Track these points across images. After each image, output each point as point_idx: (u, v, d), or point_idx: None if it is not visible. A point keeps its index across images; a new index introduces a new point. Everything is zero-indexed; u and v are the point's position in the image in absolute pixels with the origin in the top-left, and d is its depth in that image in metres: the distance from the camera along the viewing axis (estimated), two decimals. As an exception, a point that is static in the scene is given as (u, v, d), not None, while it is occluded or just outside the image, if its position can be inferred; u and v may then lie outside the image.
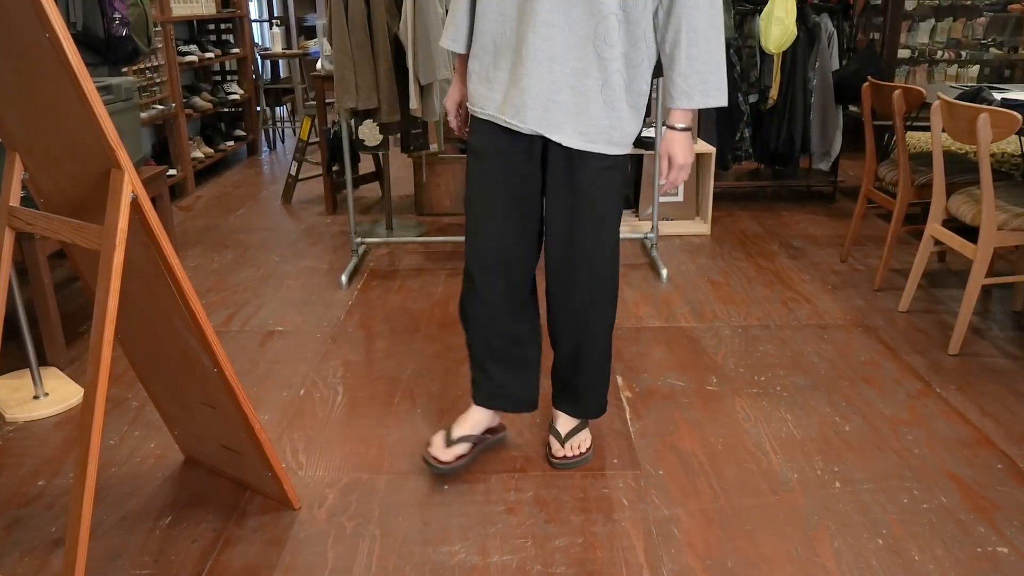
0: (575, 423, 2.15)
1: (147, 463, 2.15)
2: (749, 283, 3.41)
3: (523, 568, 1.73)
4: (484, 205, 1.95)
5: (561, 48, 1.77)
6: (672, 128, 1.87)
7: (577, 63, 1.77)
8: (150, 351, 1.92)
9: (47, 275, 2.59)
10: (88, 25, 3.57)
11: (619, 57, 1.78)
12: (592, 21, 1.75)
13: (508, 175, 1.91)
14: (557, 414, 2.17)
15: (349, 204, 3.60)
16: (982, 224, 2.62)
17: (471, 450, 2.08)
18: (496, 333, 2.03)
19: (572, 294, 1.97)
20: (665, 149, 1.89)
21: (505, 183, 1.92)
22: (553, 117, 1.81)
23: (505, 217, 1.94)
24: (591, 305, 1.97)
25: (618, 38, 1.76)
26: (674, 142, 1.87)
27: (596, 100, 1.80)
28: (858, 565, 1.73)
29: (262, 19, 8.83)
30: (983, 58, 5.79)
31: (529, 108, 1.81)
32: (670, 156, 1.88)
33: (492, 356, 2.07)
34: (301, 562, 1.76)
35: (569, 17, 1.75)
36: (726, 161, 4.60)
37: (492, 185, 1.93)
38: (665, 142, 1.89)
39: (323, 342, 2.88)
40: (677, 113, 1.86)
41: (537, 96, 1.79)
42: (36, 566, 1.76)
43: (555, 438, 2.12)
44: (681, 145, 1.87)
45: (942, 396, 2.44)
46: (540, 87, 1.79)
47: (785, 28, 4.06)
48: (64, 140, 1.53)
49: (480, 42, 1.89)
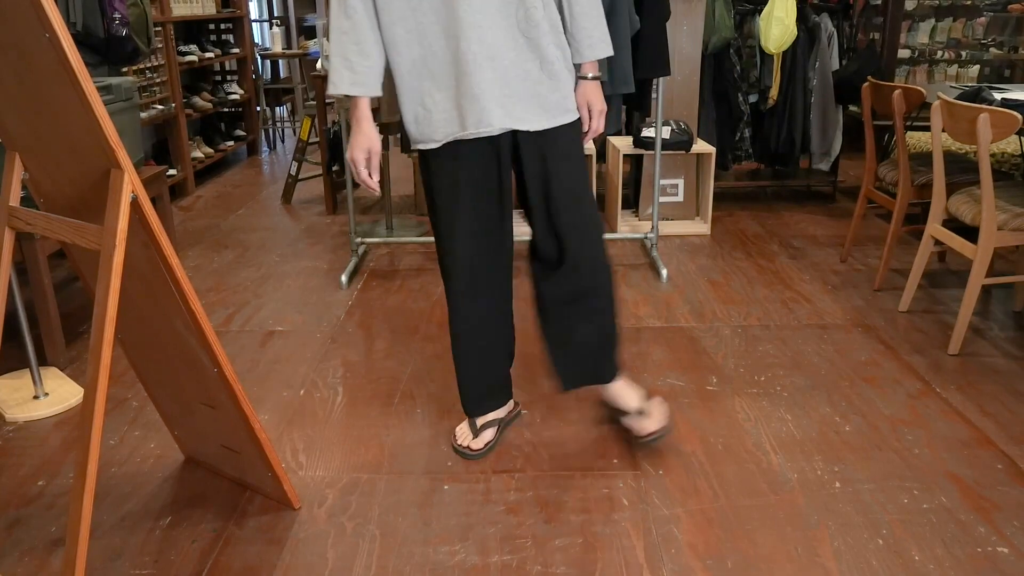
0: (634, 391, 2.17)
1: (147, 463, 2.15)
2: (749, 283, 3.41)
3: (523, 568, 1.73)
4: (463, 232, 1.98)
5: (493, 44, 1.81)
6: (584, 79, 1.97)
7: (512, 52, 1.84)
8: (150, 351, 1.92)
9: (47, 275, 2.59)
10: (88, 25, 3.57)
11: (548, 32, 1.86)
12: (511, 10, 1.81)
13: (481, 191, 1.95)
14: (607, 394, 2.18)
15: (349, 204, 3.60)
16: (982, 224, 2.62)
17: (496, 434, 2.20)
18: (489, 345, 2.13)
19: (572, 272, 2.02)
20: (583, 99, 1.98)
21: (480, 199, 1.96)
22: (513, 109, 1.86)
23: (486, 233, 1.99)
24: (592, 273, 2.03)
25: (541, 15, 1.84)
26: (589, 90, 1.98)
27: (541, 79, 1.88)
28: (858, 565, 1.73)
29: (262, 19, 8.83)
30: (983, 58, 5.79)
31: (489, 110, 1.84)
32: (589, 104, 1.98)
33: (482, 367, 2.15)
34: (301, 562, 1.76)
35: (489, 14, 1.80)
36: (726, 161, 4.60)
37: (468, 209, 1.96)
38: (581, 93, 1.98)
39: (323, 342, 2.88)
40: (587, 65, 1.96)
41: (492, 96, 1.83)
42: (36, 566, 1.76)
43: (632, 417, 2.14)
44: (597, 92, 1.99)
45: (942, 396, 2.44)
46: (491, 87, 1.83)
47: (785, 28, 4.06)
48: (64, 140, 1.53)
49: (402, 74, 1.87)
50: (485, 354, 2.12)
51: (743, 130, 4.48)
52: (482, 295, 2.05)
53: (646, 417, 2.14)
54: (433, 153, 1.94)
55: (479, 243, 1.99)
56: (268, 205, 4.86)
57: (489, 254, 2.02)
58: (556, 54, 1.88)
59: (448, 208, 1.96)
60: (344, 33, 1.84)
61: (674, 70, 4.02)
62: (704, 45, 4.13)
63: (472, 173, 1.93)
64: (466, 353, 2.11)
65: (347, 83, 1.86)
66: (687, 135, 3.94)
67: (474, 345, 2.10)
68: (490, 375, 2.17)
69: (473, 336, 2.09)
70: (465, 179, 1.93)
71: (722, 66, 4.36)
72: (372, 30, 1.85)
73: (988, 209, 2.59)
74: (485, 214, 1.97)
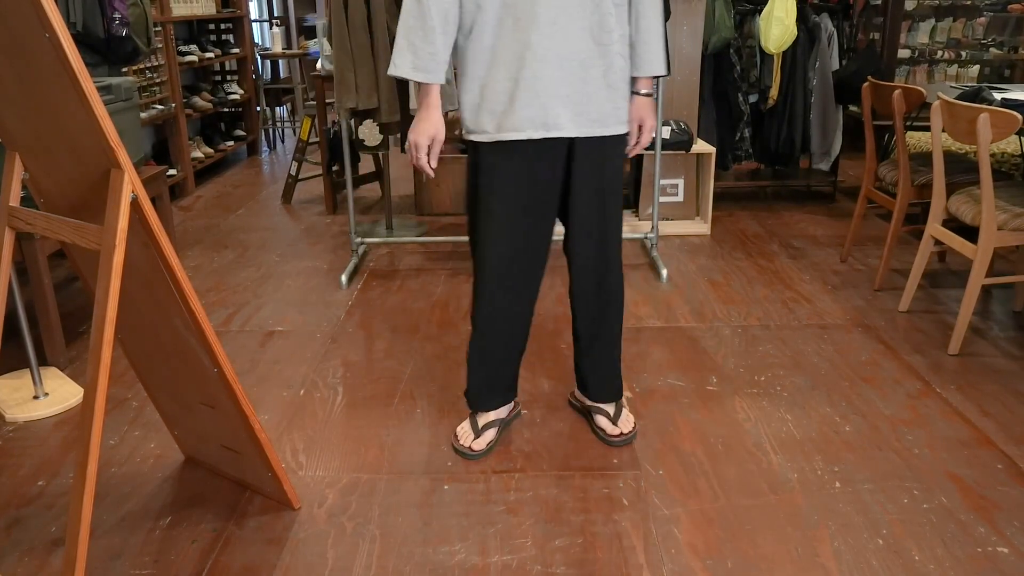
0: (615, 404, 2.24)
1: (147, 463, 2.15)
2: (749, 283, 3.41)
3: (523, 568, 1.73)
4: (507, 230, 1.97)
5: (564, 43, 1.82)
6: (638, 94, 1.99)
7: (581, 55, 1.84)
8: (150, 351, 1.92)
9: (47, 275, 2.59)
10: (88, 25, 3.57)
11: (617, 41, 1.87)
12: (587, 12, 1.82)
13: (533, 189, 1.95)
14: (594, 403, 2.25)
15: (349, 204, 3.60)
16: (982, 224, 2.62)
17: (497, 433, 2.21)
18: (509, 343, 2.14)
19: (603, 275, 2.08)
20: (637, 114, 1.99)
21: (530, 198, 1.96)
22: (573, 112, 1.88)
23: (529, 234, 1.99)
24: (614, 277, 2.09)
25: (615, 23, 1.85)
26: (644, 106, 2.00)
27: (602, 86, 1.89)
28: (858, 565, 1.73)
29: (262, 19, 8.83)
30: (983, 58, 5.79)
31: (552, 111, 1.86)
32: (642, 120, 2.00)
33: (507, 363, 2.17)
34: (301, 562, 1.76)
35: (567, 13, 1.80)
36: (726, 161, 4.60)
37: (518, 207, 1.95)
38: (636, 108, 1.99)
39: (323, 342, 2.88)
40: (643, 80, 1.98)
41: (554, 95, 1.85)
42: (36, 566, 1.76)
43: (606, 418, 2.21)
44: (651, 109, 2.02)
45: (942, 396, 2.44)
46: (553, 86, 1.84)
47: (785, 28, 4.06)
48: (64, 140, 1.53)
49: (477, 62, 1.87)
50: (504, 352, 2.13)
51: (743, 130, 4.48)
52: (513, 293, 2.04)
53: (618, 419, 2.21)
54: (487, 146, 1.92)
55: (521, 242, 1.98)
56: (268, 205, 4.86)
57: (528, 253, 2.01)
58: (621, 64, 1.90)
59: (495, 204, 1.94)
60: (413, 17, 1.82)
61: (674, 70, 4.02)
62: (704, 45, 4.13)
63: (526, 170, 1.93)
64: (487, 350, 2.11)
65: (408, 67, 1.84)
66: (687, 135, 3.94)
67: (497, 342, 2.10)
68: (504, 373, 2.17)
69: (497, 334, 2.09)
70: (518, 176, 1.93)
71: (722, 66, 4.36)
72: (440, 16, 1.81)
73: (988, 209, 2.59)
74: (535, 213, 1.97)
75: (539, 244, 2.01)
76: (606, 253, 2.05)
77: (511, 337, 2.11)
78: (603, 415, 2.21)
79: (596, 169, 1.96)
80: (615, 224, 2.04)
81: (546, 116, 1.86)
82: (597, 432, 2.22)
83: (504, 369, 2.17)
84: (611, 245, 2.05)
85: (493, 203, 1.95)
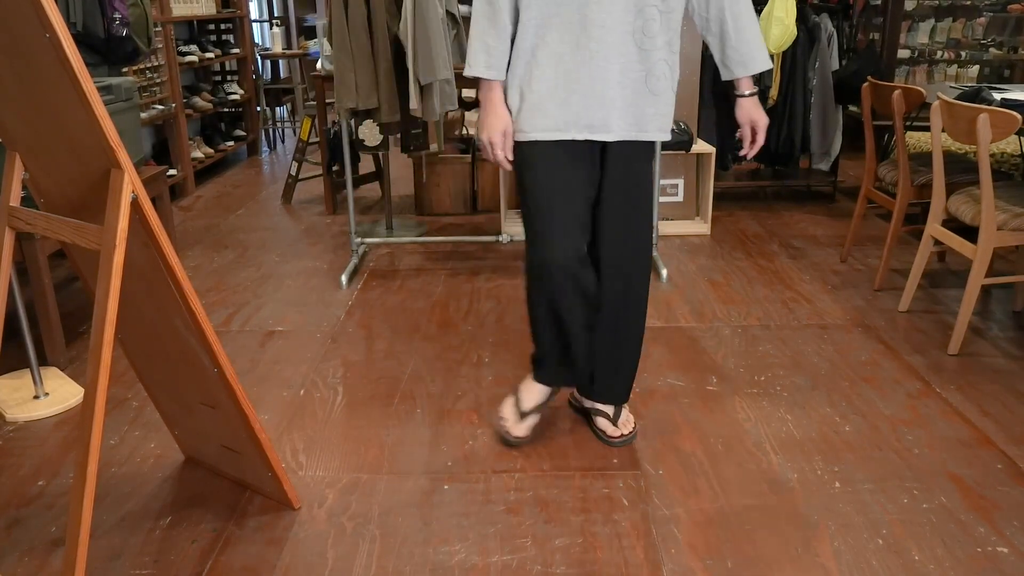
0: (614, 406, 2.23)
1: (147, 463, 2.15)
2: (749, 283, 3.41)
3: (523, 568, 1.73)
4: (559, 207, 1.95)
5: (609, 47, 1.84)
6: (743, 96, 1.99)
7: (623, 58, 1.86)
8: (150, 351, 1.92)
9: (47, 275, 2.59)
10: (88, 25, 3.57)
11: (663, 46, 1.88)
12: (631, 16, 1.83)
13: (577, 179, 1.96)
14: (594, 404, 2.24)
15: (349, 204, 3.60)
16: (982, 224, 2.62)
17: (538, 419, 2.23)
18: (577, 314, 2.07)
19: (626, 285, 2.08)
20: (746, 117, 2.00)
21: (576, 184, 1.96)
22: (611, 117, 1.89)
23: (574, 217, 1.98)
24: (641, 281, 2.09)
25: (659, 29, 1.86)
26: (751, 107, 2.00)
27: (642, 91, 1.90)
28: (858, 565, 1.73)
29: (262, 19, 8.83)
30: (983, 58, 5.79)
31: (595, 115, 1.88)
32: (753, 121, 2.00)
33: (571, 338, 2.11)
34: (301, 562, 1.76)
35: (613, 16, 1.82)
36: (726, 161, 4.60)
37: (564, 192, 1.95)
38: (744, 111, 2.00)
39: (323, 342, 2.88)
40: (744, 81, 1.98)
41: (602, 101, 1.87)
42: (36, 566, 1.76)
43: (606, 419, 2.20)
44: (758, 108, 2.00)
45: (942, 396, 2.44)
46: (600, 91, 1.86)
47: (785, 28, 4.05)
48: (64, 140, 1.53)
49: (518, 61, 1.90)
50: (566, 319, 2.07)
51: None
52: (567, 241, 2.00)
53: (618, 420, 2.21)
54: (527, 145, 1.94)
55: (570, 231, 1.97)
56: (268, 205, 4.86)
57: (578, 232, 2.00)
58: (664, 71, 1.90)
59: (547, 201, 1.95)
60: (485, 17, 1.88)
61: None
62: (704, 45, 4.13)
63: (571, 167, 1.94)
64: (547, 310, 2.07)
65: (483, 66, 1.89)
66: (687, 135, 3.94)
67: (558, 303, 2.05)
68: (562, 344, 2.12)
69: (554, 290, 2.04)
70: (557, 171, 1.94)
71: (722, 66, 4.36)
72: (509, 14, 1.88)
73: (988, 209, 2.59)
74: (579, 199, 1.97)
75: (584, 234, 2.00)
76: (635, 256, 2.05)
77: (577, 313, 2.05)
78: (603, 416, 2.21)
79: (628, 173, 1.97)
80: (646, 228, 2.05)
81: (590, 118, 1.89)
82: (597, 433, 2.22)
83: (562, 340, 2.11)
84: (641, 249, 2.06)
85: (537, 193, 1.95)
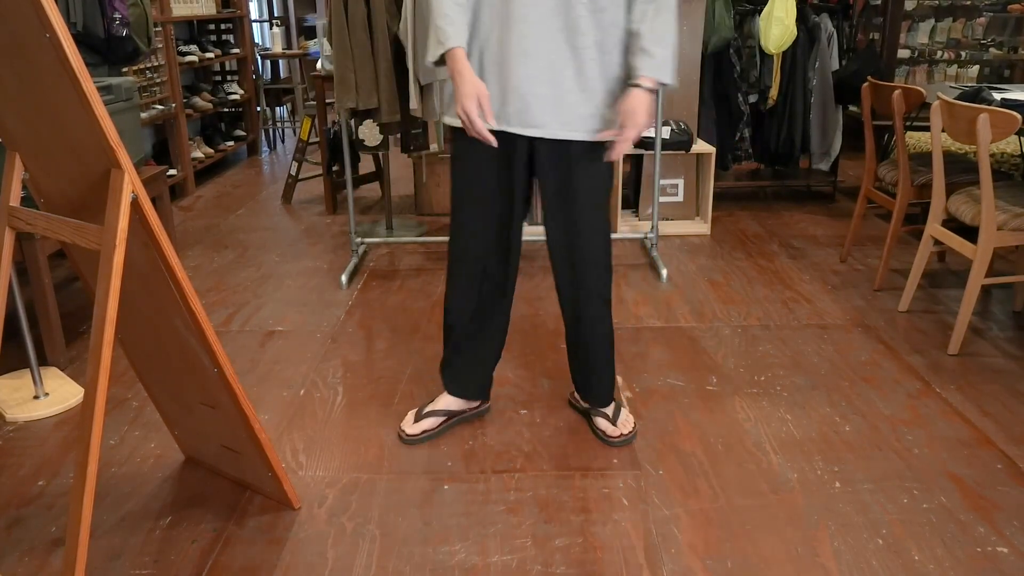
0: (614, 405, 2.25)
1: (147, 463, 2.15)
2: (749, 283, 3.41)
3: (523, 568, 1.73)
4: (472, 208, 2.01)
5: (534, 43, 1.82)
6: (637, 86, 1.85)
7: (550, 54, 1.83)
8: (150, 351, 1.92)
9: (47, 275, 2.59)
10: (88, 25, 3.57)
11: (592, 46, 1.85)
12: (558, 13, 1.81)
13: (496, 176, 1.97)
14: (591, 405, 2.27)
15: (349, 204, 3.60)
16: (982, 224, 2.62)
17: (442, 425, 2.25)
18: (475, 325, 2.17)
19: (574, 285, 2.07)
20: (626, 105, 1.84)
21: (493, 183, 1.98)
22: (535, 113, 1.87)
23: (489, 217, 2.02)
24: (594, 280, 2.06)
25: (588, 27, 1.83)
26: (636, 98, 1.84)
27: (572, 90, 1.86)
28: (858, 565, 1.73)
29: (262, 19, 8.83)
30: (983, 58, 5.79)
31: (512, 107, 1.87)
32: (629, 111, 1.84)
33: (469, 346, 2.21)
34: (301, 562, 1.76)
35: (538, 10, 1.81)
36: (726, 161, 4.60)
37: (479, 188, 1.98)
38: (628, 98, 1.84)
39: (323, 342, 2.88)
40: (646, 77, 1.85)
41: (519, 94, 1.86)
42: (36, 566, 1.76)
43: (605, 419, 2.21)
44: (642, 103, 1.84)
45: (942, 396, 2.44)
46: (523, 84, 1.85)
47: (785, 28, 4.06)
48: (64, 140, 1.53)
49: (470, 52, 1.90)
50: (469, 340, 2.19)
51: (743, 130, 4.48)
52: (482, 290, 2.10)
53: (617, 420, 2.22)
54: (460, 132, 1.96)
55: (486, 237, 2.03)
56: (268, 205, 4.86)
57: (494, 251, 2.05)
58: (595, 70, 1.86)
59: (464, 194, 2.00)
60: (431, 10, 1.87)
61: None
62: (704, 45, 4.13)
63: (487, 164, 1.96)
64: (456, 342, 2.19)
65: (433, 47, 1.86)
66: (687, 135, 3.94)
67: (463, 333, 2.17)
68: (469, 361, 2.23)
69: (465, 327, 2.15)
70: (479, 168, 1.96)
71: (722, 66, 4.36)
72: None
73: (988, 209, 2.59)
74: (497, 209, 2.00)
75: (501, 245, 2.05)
76: (581, 254, 2.01)
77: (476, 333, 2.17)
78: (602, 416, 2.21)
79: (560, 172, 1.95)
80: (592, 229, 1.99)
81: (517, 112, 1.88)
82: (597, 433, 2.22)
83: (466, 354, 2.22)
84: (587, 247, 2.00)
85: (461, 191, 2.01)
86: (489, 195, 1.99)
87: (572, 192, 1.96)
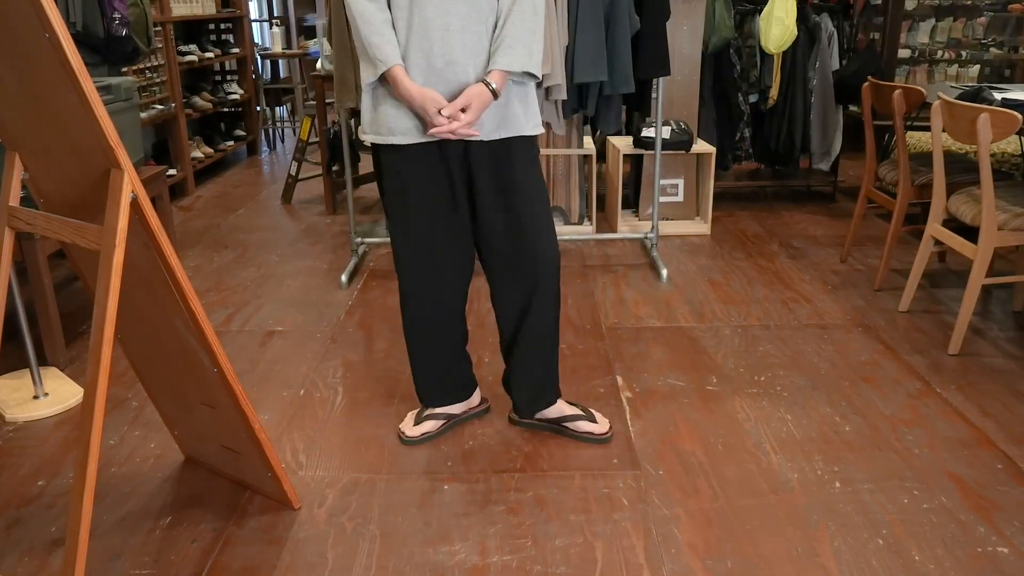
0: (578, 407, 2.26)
1: (147, 463, 2.15)
2: (749, 283, 3.41)
3: (523, 568, 1.73)
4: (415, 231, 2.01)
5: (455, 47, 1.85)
6: (482, 81, 1.86)
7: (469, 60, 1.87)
8: (150, 351, 1.92)
9: (47, 275, 2.59)
10: (88, 25, 3.57)
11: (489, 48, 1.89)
12: (472, 17, 1.85)
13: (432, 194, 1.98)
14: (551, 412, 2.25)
15: (349, 204, 3.60)
16: (982, 224, 2.62)
17: (442, 427, 2.25)
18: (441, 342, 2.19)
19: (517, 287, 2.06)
20: (468, 97, 1.84)
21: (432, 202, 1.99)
22: None
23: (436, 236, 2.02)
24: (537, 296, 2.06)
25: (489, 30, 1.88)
26: (475, 92, 1.85)
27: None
28: (858, 565, 1.73)
29: (262, 19, 8.83)
30: (983, 58, 5.79)
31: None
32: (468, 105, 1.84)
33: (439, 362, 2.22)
34: (301, 562, 1.76)
35: (457, 16, 1.84)
36: (726, 161, 4.60)
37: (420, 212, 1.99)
38: (472, 91, 1.85)
39: (323, 342, 2.88)
40: (495, 74, 1.87)
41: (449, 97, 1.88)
42: (36, 566, 1.76)
43: (583, 421, 2.22)
44: (480, 99, 1.85)
45: (942, 396, 2.44)
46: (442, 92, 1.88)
47: (785, 28, 4.05)
48: (64, 140, 1.53)
49: None
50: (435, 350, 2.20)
51: (743, 130, 4.48)
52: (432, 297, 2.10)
53: (594, 419, 2.23)
54: (384, 148, 1.97)
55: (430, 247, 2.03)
56: (268, 205, 4.86)
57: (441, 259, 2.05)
58: None
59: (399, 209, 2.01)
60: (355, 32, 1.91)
61: (674, 70, 4.02)
62: (704, 45, 4.13)
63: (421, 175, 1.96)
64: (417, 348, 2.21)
65: (370, 69, 1.89)
66: (687, 135, 3.94)
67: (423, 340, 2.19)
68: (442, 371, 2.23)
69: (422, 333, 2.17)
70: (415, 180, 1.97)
71: (722, 66, 4.36)
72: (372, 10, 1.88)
73: (988, 209, 2.59)
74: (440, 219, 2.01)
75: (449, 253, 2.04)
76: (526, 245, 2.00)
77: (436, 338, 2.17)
78: (580, 420, 2.21)
79: (490, 171, 1.96)
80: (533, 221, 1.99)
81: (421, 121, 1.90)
82: (585, 438, 2.21)
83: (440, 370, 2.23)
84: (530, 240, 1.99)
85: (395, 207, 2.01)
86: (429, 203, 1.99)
87: (507, 190, 1.97)
